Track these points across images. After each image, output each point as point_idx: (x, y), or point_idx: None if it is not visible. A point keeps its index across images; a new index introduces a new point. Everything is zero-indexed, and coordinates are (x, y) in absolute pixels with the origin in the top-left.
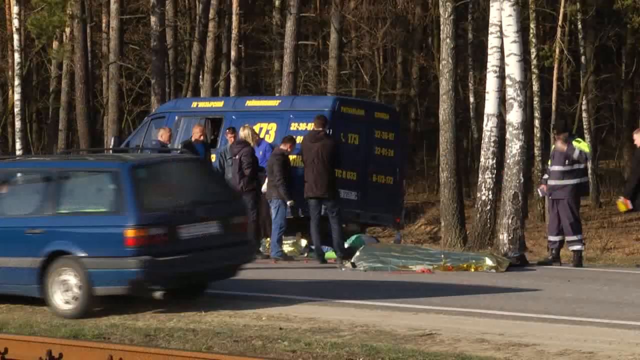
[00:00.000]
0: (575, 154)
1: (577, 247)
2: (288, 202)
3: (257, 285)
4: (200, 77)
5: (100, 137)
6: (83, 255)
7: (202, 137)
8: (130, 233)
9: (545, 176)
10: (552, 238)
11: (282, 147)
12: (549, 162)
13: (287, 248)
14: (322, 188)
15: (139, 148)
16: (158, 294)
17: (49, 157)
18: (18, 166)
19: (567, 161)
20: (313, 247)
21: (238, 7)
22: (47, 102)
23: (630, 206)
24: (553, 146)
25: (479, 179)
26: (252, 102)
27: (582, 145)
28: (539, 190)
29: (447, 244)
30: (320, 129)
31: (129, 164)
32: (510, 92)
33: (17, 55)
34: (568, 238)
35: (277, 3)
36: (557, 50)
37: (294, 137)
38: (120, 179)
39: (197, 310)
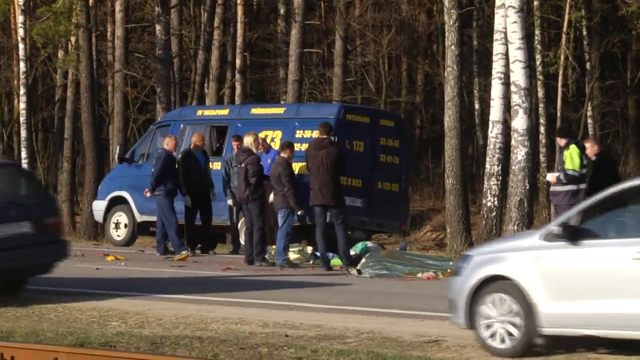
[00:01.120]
0: (561, 177)
1: None
2: (299, 212)
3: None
4: (206, 85)
5: (105, 146)
6: None
7: (201, 145)
8: None
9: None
10: None
11: (284, 154)
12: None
13: (292, 255)
14: (327, 196)
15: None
16: None
17: None
18: None
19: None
20: (318, 254)
21: (243, 15)
22: (53, 111)
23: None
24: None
25: (485, 186)
26: (257, 110)
27: (567, 161)
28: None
29: (452, 251)
30: (325, 136)
31: None
32: (516, 98)
33: (22, 65)
34: None
35: (282, 11)
36: (562, 57)
37: (293, 143)
38: None
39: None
